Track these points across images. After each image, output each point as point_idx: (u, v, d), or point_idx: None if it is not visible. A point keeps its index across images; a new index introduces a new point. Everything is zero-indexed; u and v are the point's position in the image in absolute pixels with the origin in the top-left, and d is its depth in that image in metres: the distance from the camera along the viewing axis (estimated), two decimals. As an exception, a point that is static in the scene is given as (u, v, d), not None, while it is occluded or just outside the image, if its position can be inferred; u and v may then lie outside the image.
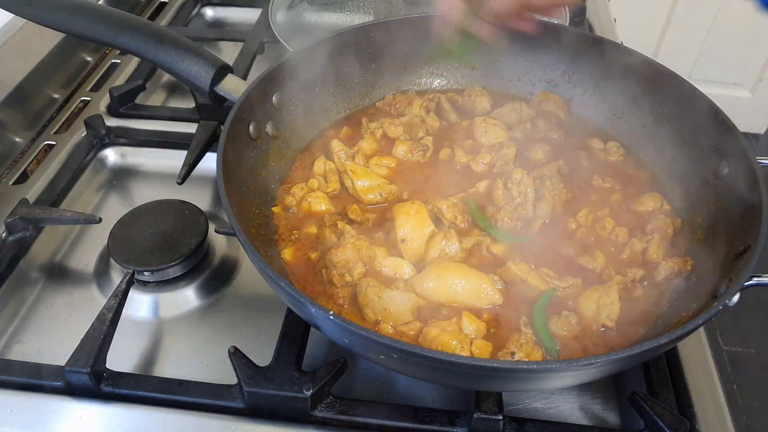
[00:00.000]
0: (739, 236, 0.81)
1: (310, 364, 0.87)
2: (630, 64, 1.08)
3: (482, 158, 1.05)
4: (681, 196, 0.99)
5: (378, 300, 0.82)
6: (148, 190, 1.19)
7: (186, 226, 1.01)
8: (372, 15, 1.49)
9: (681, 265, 0.88)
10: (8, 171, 1.18)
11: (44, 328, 0.95)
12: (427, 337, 0.79)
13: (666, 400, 0.82)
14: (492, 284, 0.85)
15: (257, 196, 0.95)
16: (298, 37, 1.38)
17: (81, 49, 1.45)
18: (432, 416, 0.79)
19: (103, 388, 0.81)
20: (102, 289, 1.00)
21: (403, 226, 0.90)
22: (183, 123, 1.24)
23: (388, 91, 1.22)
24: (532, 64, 1.20)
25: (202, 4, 1.71)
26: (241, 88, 0.96)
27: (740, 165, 0.88)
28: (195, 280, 1.00)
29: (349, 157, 1.05)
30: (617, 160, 1.07)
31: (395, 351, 0.65)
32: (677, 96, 1.02)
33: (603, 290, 0.85)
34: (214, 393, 0.81)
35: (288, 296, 0.71)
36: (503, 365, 0.66)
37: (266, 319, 0.95)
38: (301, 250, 0.92)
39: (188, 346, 0.93)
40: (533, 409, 0.86)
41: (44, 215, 1.03)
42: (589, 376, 0.73)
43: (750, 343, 2.58)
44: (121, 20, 0.98)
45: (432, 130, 1.13)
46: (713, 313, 0.69)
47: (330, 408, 0.80)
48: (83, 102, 1.34)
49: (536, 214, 0.96)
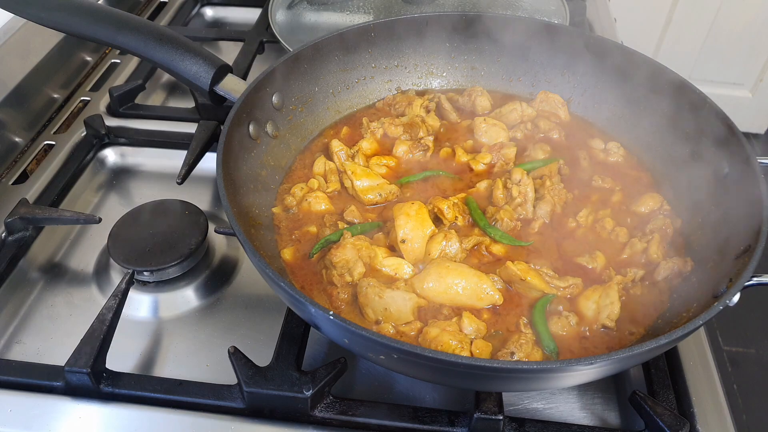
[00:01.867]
0: (740, 236, 0.81)
1: (310, 364, 0.87)
2: (630, 64, 1.08)
3: (482, 158, 1.05)
4: (681, 197, 0.99)
5: (379, 300, 0.82)
6: (148, 190, 1.19)
7: (186, 226, 1.01)
8: (372, 15, 1.49)
9: (681, 265, 0.88)
10: (8, 171, 1.18)
11: (44, 328, 0.95)
12: (427, 337, 0.79)
13: (666, 400, 0.82)
14: (492, 284, 0.85)
15: (257, 196, 0.95)
16: (298, 36, 1.38)
17: (81, 49, 1.45)
18: (432, 416, 0.79)
19: (102, 388, 0.81)
20: (102, 289, 1.00)
21: (404, 227, 0.90)
22: (183, 123, 1.24)
23: (388, 91, 1.22)
24: (532, 64, 1.20)
25: (202, 3, 1.71)
26: (240, 88, 0.96)
27: (740, 165, 0.88)
28: (195, 280, 1.00)
29: (349, 157, 1.05)
30: (617, 160, 1.07)
31: (395, 351, 0.65)
32: (677, 96, 1.01)
33: (603, 290, 0.85)
34: (214, 393, 0.81)
35: (288, 296, 0.71)
36: (503, 365, 0.66)
37: (266, 319, 0.95)
38: (301, 250, 0.92)
39: (188, 346, 0.93)
40: (533, 409, 0.86)
41: (44, 215, 1.03)
42: (589, 377, 0.73)
43: (750, 343, 2.58)
44: (120, 20, 0.98)
45: (432, 129, 1.13)
46: (713, 313, 0.69)
47: (330, 408, 0.80)
48: (83, 102, 1.34)
49: (536, 214, 0.96)
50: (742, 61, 3.25)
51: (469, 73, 1.24)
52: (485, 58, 1.22)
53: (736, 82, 3.36)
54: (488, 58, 1.22)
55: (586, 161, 1.07)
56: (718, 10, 3.05)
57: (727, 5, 3.03)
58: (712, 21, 3.09)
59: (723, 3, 3.02)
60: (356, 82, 1.18)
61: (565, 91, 1.18)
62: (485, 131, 1.11)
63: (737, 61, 3.25)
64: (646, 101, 1.07)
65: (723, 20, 3.08)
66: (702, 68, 3.27)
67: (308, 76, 1.09)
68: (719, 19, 3.08)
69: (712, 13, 3.07)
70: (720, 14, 3.06)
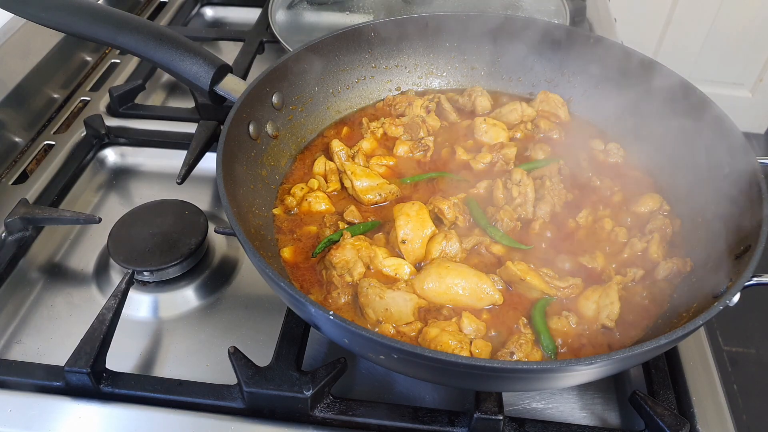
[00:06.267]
0: (740, 236, 0.81)
1: (310, 364, 0.87)
2: (630, 64, 1.08)
3: (483, 158, 1.05)
4: (681, 197, 0.98)
5: (379, 300, 0.82)
6: (148, 190, 1.19)
7: (186, 226, 1.01)
8: (372, 15, 1.49)
9: (681, 265, 0.88)
10: (8, 171, 1.18)
11: (44, 329, 0.95)
12: (426, 337, 0.79)
13: (666, 400, 0.82)
14: (492, 284, 0.85)
15: (257, 196, 0.95)
16: (298, 37, 1.38)
17: (81, 49, 1.45)
18: (432, 416, 0.79)
19: (102, 388, 0.81)
20: (102, 289, 1.00)
21: (404, 227, 0.90)
22: (183, 123, 1.24)
23: (388, 91, 1.22)
24: (532, 64, 1.20)
25: (202, 3, 1.71)
26: (240, 88, 0.96)
27: (740, 165, 0.87)
28: (195, 280, 1.00)
29: (350, 157, 1.05)
30: (617, 161, 1.07)
31: (395, 351, 0.65)
32: (677, 96, 1.01)
33: (603, 290, 0.85)
34: (214, 393, 0.81)
35: (288, 296, 0.71)
36: (503, 365, 0.66)
37: (266, 319, 0.95)
38: (301, 250, 0.92)
39: (188, 346, 0.93)
40: (533, 409, 0.86)
41: (44, 215, 1.03)
42: (589, 377, 0.73)
43: (750, 343, 2.58)
44: (120, 20, 0.98)
45: (433, 130, 1.13)
46: (713, 313, 0.69)
47: (330, 408, 0.80)
48: (83, 102, 1.34)
49: (536, 215, 0.96)
50: (742, 61, 3.25)
51: (469, 73, 1.24)
52: (485, 58, 1.22)
53: (736, 82, 3.36)
54: (488, 58, 1.22)
55: (586, 161, 1.07)
56: (718, 10, 3.05)
57: (727, 5, 3.03)
58: (712, 21, 3.09)
59: (723, 3, 3.02)
60: (356, 82, 1.18)
61: (565, 91, 1.18)
62: (485, 131, 1.11)
63: (737, 61, 3.25)
64: (646, 101, 1.07)
65: (723, 20, 3.08)
66: (702, 68, 3.27)
67: (308, 76, 1.09)
68: (719, 19, 3.08)
69: (712, 13, 3.07)
70: (720, 14, 3.06)
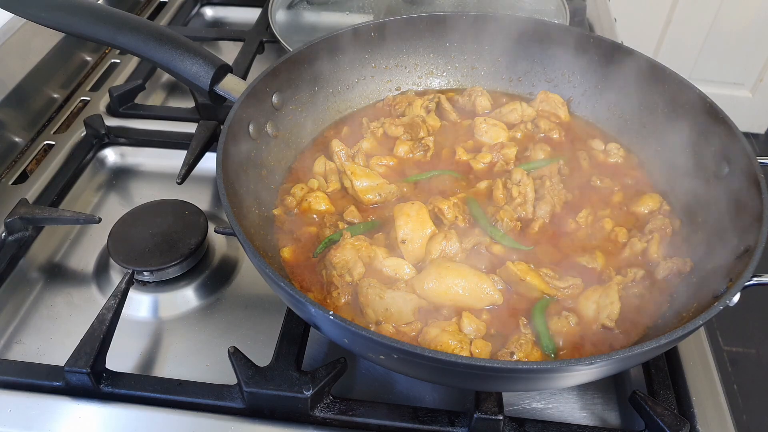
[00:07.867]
0: (740, 236, 0.81)
1: (310, 364, 0.87)
2: (630, 64, 1.08)
3: (483, 158, 1.05)
4: (681, 197, 0.98)
5: (379, 300, 0.82)
6: (148, 190, 1.19)
7: (186, 226, 1.01)
8: (372, 15, 1.49)
9: (681, 265, 0.88)
10: (8, 171, 1.18)
11: (44, 328, 0.95)
12: (426, 337, 0.79)
13: (666, 400, 0.82)
14: (492, 284, 0.85)
15: (257, 196, 0.95)
16: (298, 37, 1.38)
17: (81, 48, 1.45)
18: (432, 416, 0.79)
19: (102, 388, 0.81)
20: (101, 289, 1.00)
21: (404, 227, 0.90)
22: (183, 123, 1.24)
23: (388, 91, 1.22)
24: (532, 64, 1.20)
25: (202, 3, 1.71)
26: (240, 88, 0.96)
27: (740, 165, 0.87)
28: (195, 280, 1.00)
29: (350, 157, 1.04)
30: (617, 161, 1.07)
31: (395, 351, 0.65)
32: (677, 96, 1.01)
33: (603, 290, 0.85)
34: (214, 393, 0.81)
35: (288, 296, 0.71)
36: (503, 365, 0.66)
37: (266, 319, 0.95)
38: (301, 250, 0.92)
39: (188, 346, 0.93)
40: (533, 409, 0.86)
41: (44, 215, 1.03)
42: (589, 377, 0.73)
43: (750, 343, 2.58)
44: (120, 20, 0.98)
45: (433, 130, 1.13)
46: (713, 313, 0.69)
47: (330, 408, 0.80)
48: (83, 102, 1.34)
49: (536, 215, 0.96)
50: (742, 61, 3.25)
51: (469, 73, 1.24)
52: (485, 58, 1.22)
53: (736, 82, 3.36)
54: (488, 58, 1.22)
55: (586, 161, 1.07)
56: (718, 10, 3.05)
57: (727, 5, 3.03)
58: (712, 21, 3.09)
59: (723, 3, 3.02)
60: (356, 82, 1.18)
61: (565, 91, 1.18)
62: (485, 131, 1.11)
63: (737, 61, 3.25)
64: (646, 101, 1.07)
65: (723, 20, 3.08)
66: (702, 68, 3.27)
67: (308, 76, 1.09)
68: (719, 19, 3.08)
69: (712, 13, 3.07)
70: (720, 14, 3.06)
